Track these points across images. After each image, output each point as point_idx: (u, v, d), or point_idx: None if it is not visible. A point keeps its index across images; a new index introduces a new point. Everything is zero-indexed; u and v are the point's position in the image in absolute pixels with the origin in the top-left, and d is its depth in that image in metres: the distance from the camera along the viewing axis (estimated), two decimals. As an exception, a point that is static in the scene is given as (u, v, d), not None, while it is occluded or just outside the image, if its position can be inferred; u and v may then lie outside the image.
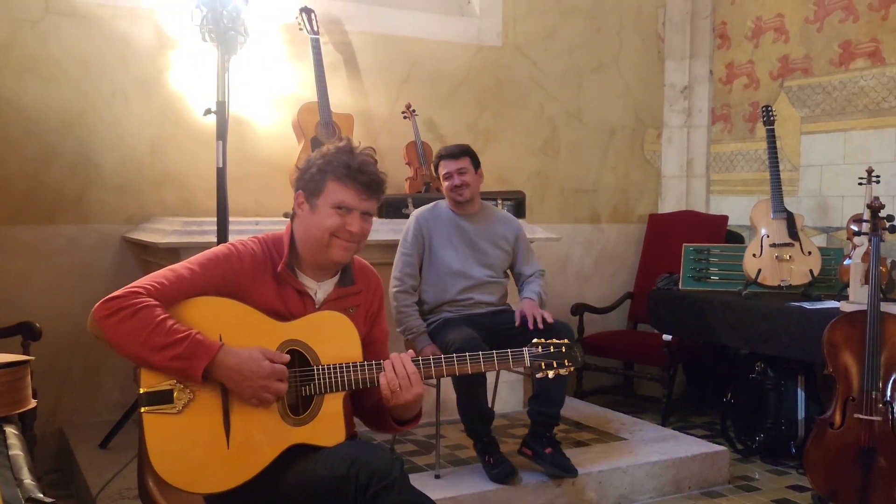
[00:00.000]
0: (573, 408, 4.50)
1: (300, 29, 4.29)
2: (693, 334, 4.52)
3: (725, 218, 5.33)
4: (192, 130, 4.21)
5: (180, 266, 1.96)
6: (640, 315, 5.33)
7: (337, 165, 2.02)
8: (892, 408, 3.30)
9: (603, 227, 5.64)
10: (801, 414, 4.10)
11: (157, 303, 1.86)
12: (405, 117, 4.72)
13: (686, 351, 4.97)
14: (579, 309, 5.23)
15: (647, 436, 4.01)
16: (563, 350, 2.16)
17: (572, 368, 2.17)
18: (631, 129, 5.70)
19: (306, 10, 4.28)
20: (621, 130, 5.66)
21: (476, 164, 3.67)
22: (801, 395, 4.11)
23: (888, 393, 3.32)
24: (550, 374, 2.14)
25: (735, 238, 5.28)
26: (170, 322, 1.84)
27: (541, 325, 3.32)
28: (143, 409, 1.84)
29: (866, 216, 3.61)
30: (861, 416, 3.33)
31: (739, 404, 4.34)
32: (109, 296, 1.86)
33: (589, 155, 5.55)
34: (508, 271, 3.78)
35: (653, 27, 5.73)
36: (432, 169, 4.68)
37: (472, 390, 3.31)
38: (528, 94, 5.29)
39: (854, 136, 4.75)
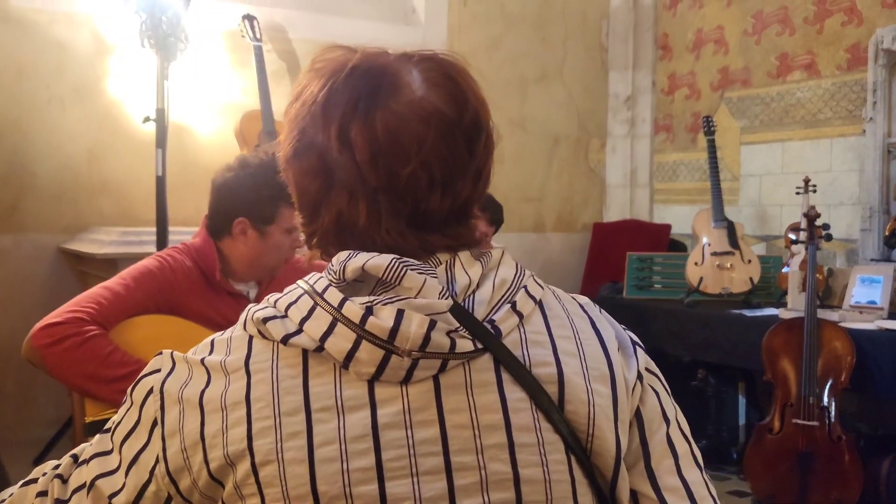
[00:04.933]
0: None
1: (243, 36, 4.23)
2: (637, 342, 4.56)
3: (668, 227, 5.41)
4: (130, 138, 4.11)
5: (114, 283, 1.90)
6: (585, 323, 5.37)
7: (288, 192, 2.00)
8: (829, 413, 3.38)
9: (548, 235, 5.68)
10: (741, 420, 4.18)
11: (103, 331, 1.80)
12: (350, 126, 4.68)
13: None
14: (525, 317, 5.24)
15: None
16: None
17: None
18: (575, 139, 5.75)
19: (249, 18, 4.23)
20: (566, 139, 5.71)
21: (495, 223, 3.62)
22: (741, 401, 4.19)
23: (825, 398, 3.40)
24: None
25: (678, 246, 5.36)
26: (119, 354, 1.79)
27: None
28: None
29: (803, 225, 3.70)
30: (799, 422, 3.40)
31: (683, 411, 4.40)
32: (49, 321, 1.77)
33: (533, 164, 5.58)
34: None
35: (597, 38, 5.80)
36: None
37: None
38: (474, 103, 5.29)
39: (792, 146, 4.87)
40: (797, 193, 4.32)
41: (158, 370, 0.90)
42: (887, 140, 4.34)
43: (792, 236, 4.03)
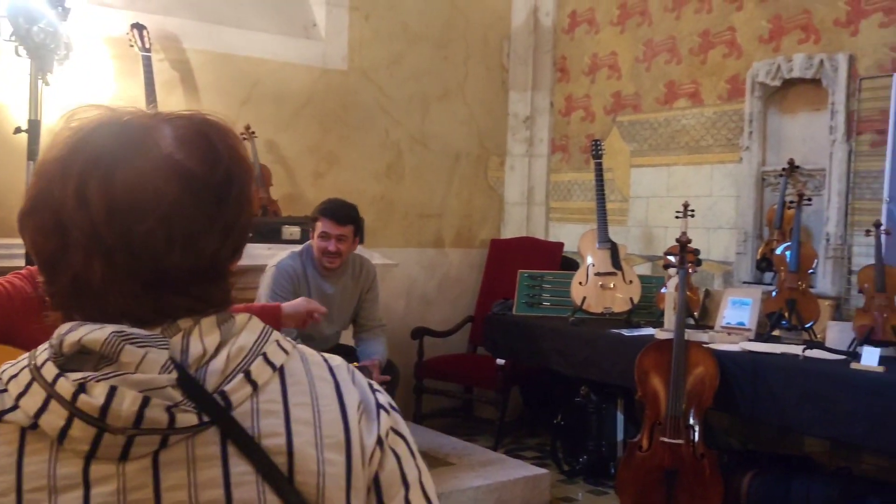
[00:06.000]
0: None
1: (131, 45, 4.17)
2: (525, 359, 4.67)
3: (561, 245, 5.54)
4: (1, 149, 3.97)
5: None
6: (479, 338, 5.46)
7: None
8: (694, 431, 3.53)
9: (447, 251, 5.74)
10: (619, 436, 4.30)
11: None
12: (244, 139, 4.65)
13: (522, 374, 5.12)
14: (419, 333, 5.29)
15: (475, 460, 4.10)
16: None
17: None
18: (475, 156, 5.84)
19: (138, 27, 4.16)
20: (466, 157, 5.79)
21: (357, 231, 3.62)
22: (620, 418, 4.32)
23: (691, 417, 3.54)
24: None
25: (572, 265, 5.48)
26: None
27: None
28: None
29: (675, 250, 3.85)
30: (665, 440, 3.53)
31: (568, 426, 4.52)
32: None
33: (434, 180, 5.65)
34: None
35: (498, 58, 5.91)
36: (270, 192, 4.65)
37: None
38: (374, 119, 5.34)
39: (676, 170, 5.06)
40: (676, 217, 4.49)
41: None
42: (761, 168, 4.56)
43: (672, 258, 4.19)
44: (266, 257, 3.74)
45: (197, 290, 0.87)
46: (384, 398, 0.96)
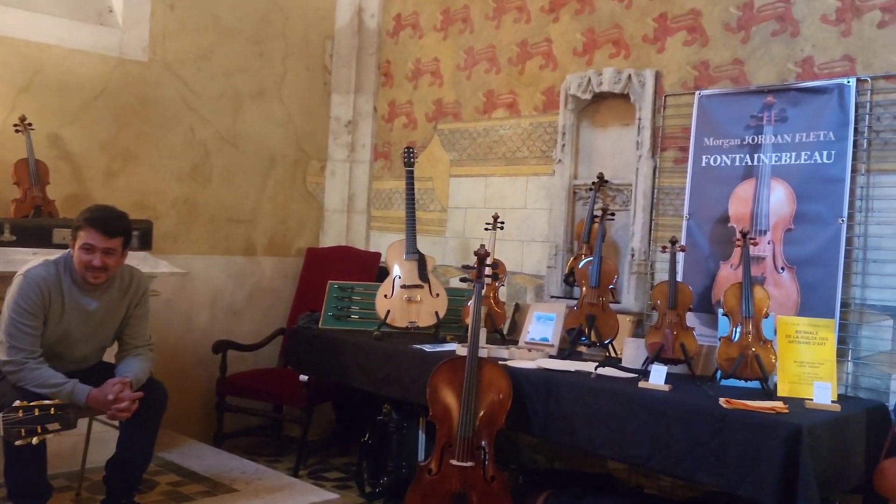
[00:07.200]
0: (198, 456, 4.20)
1: None
2: (328, 375, 4.40)
3: (378, 255, 5.33)
4: None
5: None
6: (290, 352, 5.16)
7: None
8: (484, 453, 3.37)
9: (259, 259, 5.41)
10: (421, 456, 4.11)
11: None
12: (17, 131, 4.18)
13: (333, 390, 4.87)
14: (222, 346, 4.93)
15: (263, 486, 3.80)
16: (52, 412, 1.89)
17: (61, 431, 1.91)
18: (293, 160, 5.55)
19: None
20: (282, 160, 5.49)
21: (127, 243, 3.21)
22: (421, 437, 4.13)
23: (483, 441, 3.39)
24: (34, 440, 1.87)
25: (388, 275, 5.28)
26: None
27: (120, 417, 3.00)
28: None
29: (474, 263, 3.70)
30: (455, 463, 3.36)
31: (374, 446, 4.29)
32: None
33: (245, 183, 5.31)
34: None
35: (320, 59, 5.65)
36: (46, 191, 4.20)
37: (23, 460, 2.82)
38: (178, 116, 4.95)
39: (493, 181, 4.95)
40: (486, 229, 4.37)
41: None
42: (573, 182, 4.51)
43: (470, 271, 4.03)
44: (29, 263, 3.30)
45: None
46: None
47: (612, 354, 3.87)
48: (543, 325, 4.03)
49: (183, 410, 4.91)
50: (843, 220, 3.47)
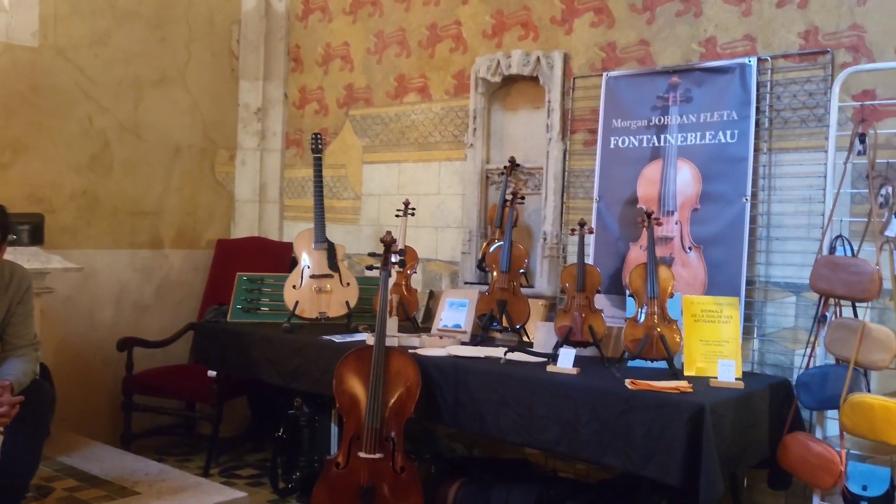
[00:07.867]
0: (100, 458, 4.00)
1: None
2: (236, 369, 4.26)
3: (291, 245, 5.18)
4: None
5: None
6: (201, 348, 4.99)
7: None
8: (393, 444, 3.29)
9: (166, 252, 5.21)
10: (333, 450, 4.01)
11: None
12: None
13: (245, 385, 4.73)
14: (127, 343, 4.73)
15: (167, 486, 3.65)
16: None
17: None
18: (200, 149, 5.36)
19: None
20: (188, 150, 5.29)
21: (5, 238, 2.99)
22: (334, 430, 4.03)
23: (392, 432, 3.30)
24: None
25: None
26: None
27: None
28: None
29: (381, 250, 3.61)
30: (363, 455, 3.27)
31: (288, 441, 4.17)
32: None
33: (149, 174, 5.10)
34: None
35: (226, 44, 5.46)
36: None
37: None
38: (73, 104, 4.72)
39: (407, 167, 4.86)
40: (396, 216, 4.28)
41: None
42: (485, 166, 4.45)
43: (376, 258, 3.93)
44: None
45: None
46: None
47: (525, 339, 3.82)
48: (456, 312, 3.96)
49: (87, 411, 4.72)
50: (746, 199, 3.49)
